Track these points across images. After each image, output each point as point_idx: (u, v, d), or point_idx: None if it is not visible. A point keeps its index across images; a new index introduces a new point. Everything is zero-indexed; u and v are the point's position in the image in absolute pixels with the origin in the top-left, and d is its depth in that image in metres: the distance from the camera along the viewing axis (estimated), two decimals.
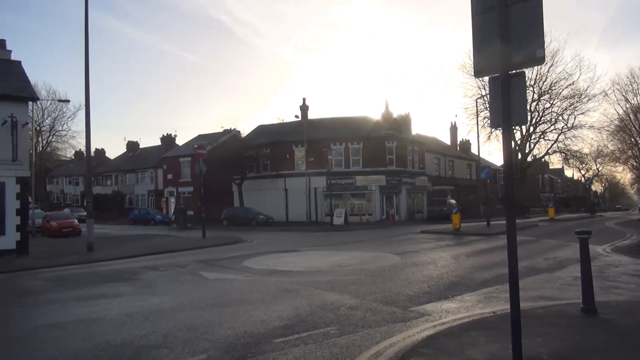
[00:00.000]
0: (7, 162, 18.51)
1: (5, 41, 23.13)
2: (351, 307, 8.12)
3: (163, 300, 9.36)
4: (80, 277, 13.45)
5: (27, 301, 10.14)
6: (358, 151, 40.02)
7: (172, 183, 49.49)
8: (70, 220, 32.40)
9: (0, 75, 20.53)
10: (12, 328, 7.82)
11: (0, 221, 18.54)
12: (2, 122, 18.51)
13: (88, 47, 20.04)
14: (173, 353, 5.92)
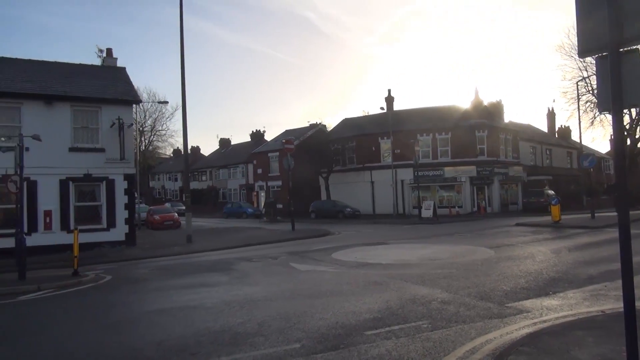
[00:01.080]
0: (115, 161, 20.23)
1: (112, 50, 25.25)
2: (443, 301, 7.91)
3: (257, 290, 9.74)
4: (181, 267, 14.38)
5: (136, 288, 11.04)
6: (446, 141, 38.79)
7: (261, 177, 51.27)
8: (171, 213, 34.78)
9: (109, 81, 22.45)
10: (125, 312, 8.55)
11: (111, 215, 20.34)
12: (111, 124, 20.23)
13: (183, 52, 21.30)
14: (268, 341, 6.13)
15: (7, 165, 17.05)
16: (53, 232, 19.19)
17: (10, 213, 18.46)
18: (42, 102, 19.37)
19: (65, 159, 19.50)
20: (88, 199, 20.28)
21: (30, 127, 17.99)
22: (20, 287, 11.45)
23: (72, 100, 19.94)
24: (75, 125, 20.04)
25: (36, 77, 20.94)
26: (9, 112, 19.11)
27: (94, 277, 12.66)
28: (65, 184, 19.54)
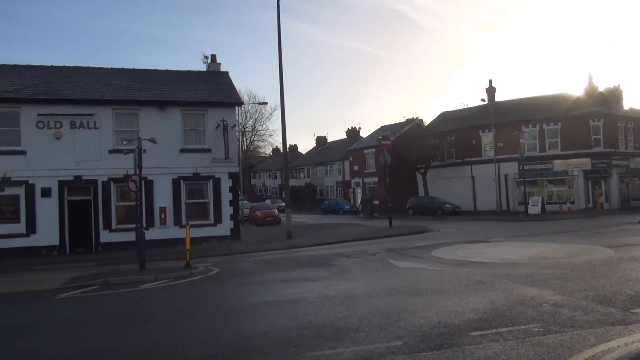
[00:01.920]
0: (221, 160, 21.45)
1: (215, 56, 26.79)
2: (556, 304, 7.35)
3: (356, 285, 9.78)
4: (282, 261, 14.88)
5: (242, 281, 11.61)
6: (555, 132, 36.07)
7: (357, 174, 51.45)
8: (271, 210, 36.17)
9: (213, 85, 23.86)
10: (233, 303, 9.04)
11: (217, 211, 21.61)
12: (216, 126, 21.48)
13: (281, 53, 21.98)
14: (369, 337, 6.13)
15: (127, 166, 18.83)
16: (167, 227, 20.83)
17: (130, 209, 20.36)
18: (156, 108, 21.09)
19: (177, 160, 21.06)
20: (197, 197, 21.73)
21: (146, 131, 19.66)
22: (141, 276, 12.58)
23: (182, 105, 21.48)
24: (184, 128, 21.56)
25: (150, 85, 22.84)
26: (128, 118, 21.05)
27: (203, 269, 13.54)
28: (177, 182, 21.11)
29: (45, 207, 19.62)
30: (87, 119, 20.22)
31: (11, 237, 19.16)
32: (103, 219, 20.33)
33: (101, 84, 22.15)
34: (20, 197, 19.49)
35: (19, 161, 19.43)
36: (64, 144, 19.94)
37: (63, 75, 22.73)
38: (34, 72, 22.57)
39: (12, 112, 19.66)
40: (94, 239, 20.24)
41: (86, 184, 20.22)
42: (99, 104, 20.45)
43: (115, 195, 20.60)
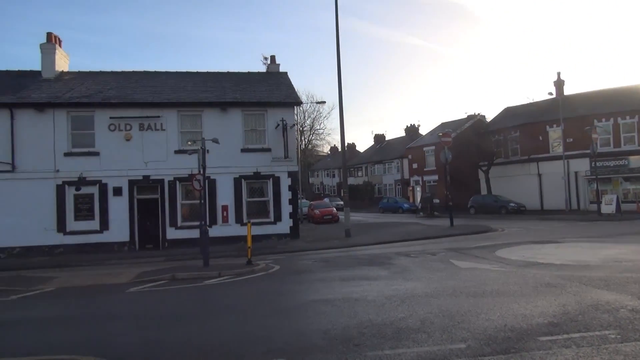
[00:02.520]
0: (280, 159, 21.79)
1: (275, 57, 27.23)
2: (635, 309, 6.87)
3: (417, 285, 9.61)
4: (341, 259, 14.89)
5: (302, 278, 11.73)
6: (632, 127, 33.70)
7: (417, 172, 50.60)
8: (330, 208, 36.32)
9: (273, 86, 24.27)
10: (293, 300, 9.15)
11: (277, 209, 21.98)
12: (276, 126, 21.84)
13: (339, 52, 21.98)
14: (431, 338, 5.99)
15: (192, 165, 19.55)
16: (229, 224, 21.43)
17: (194, 207, 21.14)
18: (218, 109, 21.75)
19: (238, 159, 21.61)
20: (257, 195, 22.20)
21: (209, 131, 20.35)
22: (205, 272, 13.01)
23: (242, 106, 22.02)
24: (245, 128, 22.09)
25: (213, 87, 23.58)
26: (192, 119, 21.84)
27: (264, 266, 13.81)
28: (238, 181, 21.67)
29: (117, 205, 20.77)
30: (154, 121, 21.18)
31: (87, 233, 20.45)
32: (169, 216, 21.22)
33: (167, 88, 23.13)
34: (94, 196, 20.75)
35: (93, 162, 20.69)
36: (133, 145, 21.00)
37: (132, 80, 23.94)
38: (106, 78, 23.93)
39: (87, 116, 20.95)
40: (161, 235, 21.18)
41: (154, 183, 21.20)
42: (165, 106, 21.36)
43: (181, 194, 21.45)
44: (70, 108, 20.76)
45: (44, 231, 20.06)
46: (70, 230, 20.40)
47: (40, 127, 20.40)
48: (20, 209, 19.77)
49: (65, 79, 23.48)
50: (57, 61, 23.88)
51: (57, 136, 20.50)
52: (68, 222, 20.43)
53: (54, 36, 23.86)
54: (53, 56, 23.65)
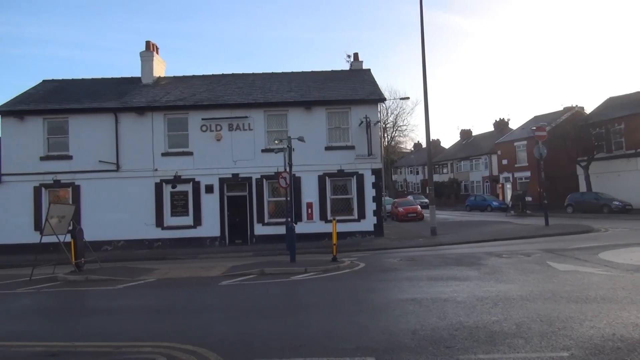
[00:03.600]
0: (364, 157, 21.73)
1: (358, 54, 27.21)
2: None
3: (510, 288, 9.13)
4: (427, 258, 14.54)
5: (388, 276, 11.60)
6: None
7: (507, 168, 48.15)
8: (414, 206, 35.67)
9: (356, 83, 24.27)
10: (379, 299, 9.06)
11: (361, 207, 21.95)
12: (359, 123, 21.81)
13: (424, 47, 21.48)
14: (529, 344, 5.65)
15: (278, 164, 20.08)
16: (314, 221, 21.76)
17: (280, 204, 21.70)
18: (303, 108, 22.14)
19: (322, 157, 21.87)
20: (341, 192, 22.32)
21: (294, 130, 20.80)
22: (292, 268, 13.30)
23: (326, 104, 22.24)
24: (329, 126, 22.30)
25: (297, 87, 24.04)
26: (278, 119, 22.43)
27: (349, 263, 13.83)
28: (322, 179, 21.93)
29: (209, 202, 21.87)
30: (242, 121, 22.03)
31: (183, 228, 21.75)
32: (257, 213, 21.97)
33: (254, 89, 23.96)
34: (188, 193, 22.01)
35: (187, 161, 21.95)
36: (223, 144, 21.99)
37: (222, 82, 25.08)
38: (198, 82, 25.30)
39: (181, 118, 22.27)
40: (249, 231, 21.99)
41: (242, 181, 22.06)
42: (253, 107, 22.13)
43: (267, 191, 22.12)
44: (167, 111, 22.19)
45: (144, 226, 21.64)
46: (167, 225, 21.82)
47: (141, 129, 21.99)
48: (123, 205, 21.48)
49: (162, 84, 25.13)
50: (154, 67, 25.62)
51: (155, 137, 21.99)
52: (165, 218, 21.87)
53: (152, 44, 25.62)
54: (151, 63, 25.41)
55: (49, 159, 21.92)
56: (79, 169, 21.80)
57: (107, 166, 21.75)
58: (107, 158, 21.74)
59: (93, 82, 25.76)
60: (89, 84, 25.57)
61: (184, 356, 5.93)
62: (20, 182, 21.72)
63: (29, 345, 6.71)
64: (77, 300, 11.19)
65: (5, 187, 21.74)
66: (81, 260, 14.85)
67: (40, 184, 21.77)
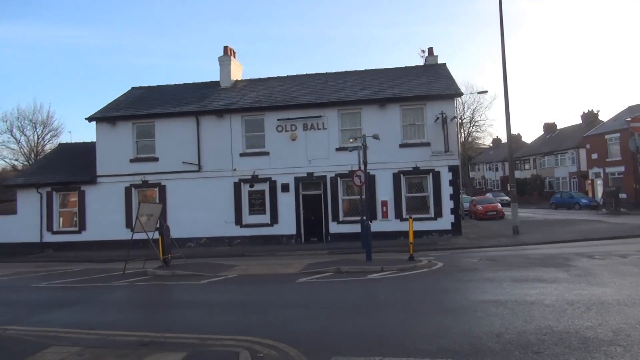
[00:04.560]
0: (440, 153, 21.17)
1: (432, 49, 26.55)
2: None
3: (605, 291, 8.48)
4: (509, 258, 13.88)
5: (468, 277, 11.21)
6: None
7: (597, 163, 44.81)
8: (493, 204, 34.21)
9: (431, 79, 23.71)
10: (460, 299, 8.79)
11: (437, 205, 21.41)
12: (435, 119, 21.27)
13: (504, 37, 20.54)
14: (629, 353, 5.22)
15: (352, 162, 20.09)
16: (389, 220, 21.53)
17: (354, 203, 21.69)
18: (376, 106, 21.98)
19: (397, 155, 21.57)
20: (416, 190, 21.90)
21: (368, 128, 20.70)
22: (368, 266, 13.24)
23: (400, 101, 21.91)
24: (404, 123, 21.96)
25: (371, 84, 23.91)
26: (352, 117, 22.43)
27: (427, 262, 13.53)
28: (397, 176, 21.64)
29: (285, 200, 22.33)
30: (316, 121, 22.27)
31: (260, 226, 22.39)
32: (331, 211, 22.11)
33: (328, 88, 24.13)
34: (265, 192, 22.62)
35: (264, 161, 22.55)
36: (298, 144, 22.35)
37: (296, 83, 25.51)
38: (273, 83, 25.91)
39: (258, 119, 22.91)
40: (324, 229, 22.18)
41: (317, 179, 22.30)
42: (326, 106, 22.29)
43: (342, 190, 22.19)
44: (244, 113, 22.93)
45: (224, 224, 22.52)
46: (245, 224, 22.55)
47: (220, 131, 22.90)
48: (205, 204, 22.49)
49: (239, 87, 26.02)
50: (232, 71, 26.58)
51: (234, 138, 22.80)
52: (244, 216, 22.62)
53: (229, 49, 26.59)
54: (229, 67, 26.38)
55: (138, 161, 23.43)
56: (164, 170, 23.12)
57: (190, 167, 22.87)
58: (189, 159, 22.87)
59: (176, 88, 27.19)
60: (173, 89, 27.02)
61: (265, 350, 6.09)
62: (113, 183, 23.42)
63: (124, 335, 7.21)
64: (165, 293, 11.87)
65: (100, 187, 23.54)
66: (168, 256, 15.74)
67: (131, 185, 23.34)
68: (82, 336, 7.17)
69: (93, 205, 23.58)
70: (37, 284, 13.46)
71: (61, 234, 23.88)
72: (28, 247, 23.27)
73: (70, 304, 10.33)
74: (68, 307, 10.06)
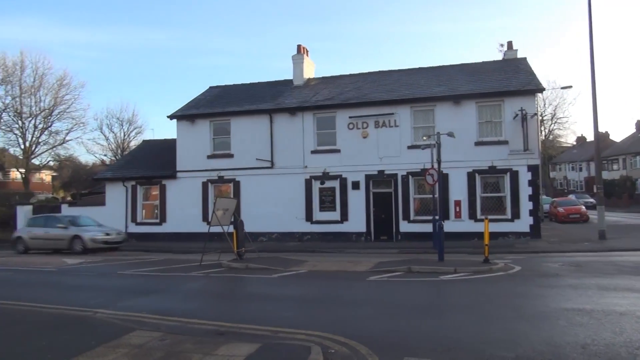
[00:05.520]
0: (519, 152, 20.21)
1: (511, 42, 25.37)
2: None
3: None
4: (595, 264, 12.99)
5: (548, 282, 10.62)
6: None
7: None
8: (577, 206, 32.17)
9: (510, 74, 22.67)
10: (539, 306, 8.33)
11: (515, 206, 20.44)
12: (514, 116, 20.31)
13: (592, 26, 19.22)
14: None
15: (424, 160, 19.71)
16: (462, 220, 20.88)
17: (425, 202, 21.26)
18: (451, 102, 21.38)
19: (471, 153, 20.86)
20: (492, 190, 21.08)
21: (442, 126, 20.18)
22: (440, 267, 12.91)
23: (476, 97, 21.16)
24: (479, 120, 21.19)
25: (445, 81, 23.27)
26: (425, 115, 21.99)
27: (503, 266, 12.97)
28: (471, 176, 20.93)
29: (355, 198, 22.32)
30: (388, 118, 22.04)
31: (330, 223, 22.55)
32: (402, 210, 21.80)
33: (401, 85, 23.80)
34: (335, 189, 22.73)
35: (335, 158, 22.66)
36: (369, 142, 22.25)
37: (368, 80, 25.38)
38: (345, 81, 25.94)
39: (329, 117, 23.07)
40: (394, 228, 21.92)
41: (387, 177, 22.08)
42: (399, 103, 22.00)
43: (413, 188, 21.81)
44: (316, 110, 23.16)
45: (295, 219, 22.92)
46: (315, 220, 22.81)
47: (292, 128, 23.29)
48: (277, 199, 23.00)
49: (311, 85, 26.31)
50: (305, 69, 26.92)
51: (306, 136, 23.11)
52: (314, 213, 22.88)
53: (302, 48, 26.96)
54: (302, 65, 26.74)
55: (214, 157, 24.39)
56: (239, 166, 23.89)
57: (263, 163, 23.45)
58: (262, 156, 23.46)
59: (251, 86, 27.97)
60: (248, 88, 27.84)
61: (336, 346, 6.11)
62: (191, 178, 24.56)
63: (201, 323, 7.53)
64: (239, 285, 12.28)
65: (180, 182, 24.77)
66: (242, 249, 16.25)
67: (207, 180, 24.36)
68: (163, 322, 7.57)
69: (173, 199, 24.87)
70: (123, 272, 14.40)
71: (144, 225, 25.41)
72: None
73: (152, 292, 10.96)
74: (150, 294, 10.68)
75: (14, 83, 42.50)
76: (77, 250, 20.22)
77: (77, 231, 20.68)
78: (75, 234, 20.53)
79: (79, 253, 19.96)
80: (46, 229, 21.28)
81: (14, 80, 42.41)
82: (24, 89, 42.91)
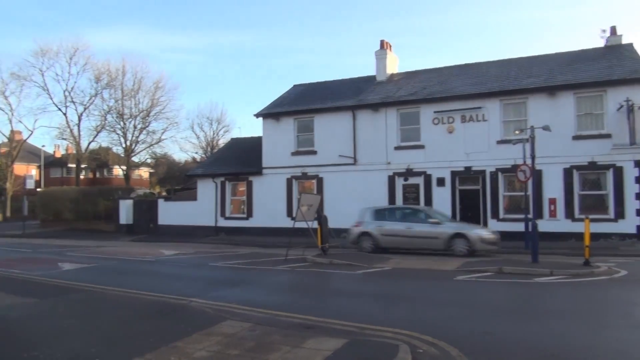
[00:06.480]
0: (624, 147, 18.51)
1: (616, 27, 23.22)
2: None
3: None
4: None
5: None
6: None
7: None
8: None
9: (613, 62, 20.81)
10: None
11: (619, 205, 18.76)
12: (618, 107, 18.63)
13: None
14: None
15: (515, 156, 18.69)
16: (557, 219, 19.54)
17: (515, 200, 20.15)
18: (545, 94, 20.06)
19: (569, 148, 19.44)
20: (592, 188, 19.55)
21: (535, 119, 18.95)
22: (535, 269, 12.15)
23: (574, 88, 19.68)
24: (578, 113, 19.69)
25: (539, 72, 21.84)
26: (516, 108, 20.83)
27: (606, 269, 11.96)
28: (568, 172, 19.53)
29: (440, 195, 21.66)
30: (475, 112, 21.13)
31: None
32: (490, 208, 20.83)
33: (489, 77, 22.72)
34: (419, 186, 22.22)
35: (419, 154, 22.15)
36: (454, 137, 21.48)
37: (454, 73, 24.49)
38: (429, 75, 25.23)
39: (413, 112, 22.58)
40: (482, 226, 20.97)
41: (475, 174, 21.19)
42: (487, 96, 21.00)
43: (503, 185, 20.76)
44: (399, 106, 22.76)
45: None
46: None
47: (375, 124, 23.08)
48: (360, 196, 22.85)
49: (394, 80, 25.91)
50: (388, 65, 26.56)
51: (389, 132, 22.79)
52: None
53: (385, 43, 26.63)
54: (385, 61, 26.42)
55: (298, 154, 24.83)
56: (322, 162, 24.12)
57: (346, 160, 23.49)
58: (345, 153, 23.50)
59: (334, 83, 28.09)
60: (331, 85, 27.99)
61: (424, 346, 5.94)
62: (276, 175, 25.20)
63: (288, 316, 7.68)
64: (323, 280, 12.38)
65: (266, 178, 25.52)
66: (326, 244, 16.39)
67: (292, 176, 24.86)
68: (252, 313, 7.80)
69: (259, 195, 25.68)
70: (214, 263, 15.10)
71: (232, 219, 26.48)
72: (205, 230, 26.28)
73: (241, 283, 11.37)
74: (240, 285, 11.09)
75: (117, 87, 46.34)
76: (459, 253, 15.54)
77: (457, 228, 16.38)
78: (457, 231, 16.06)
79: (461, 255, 15.26)
80: (408, 224, 16.99)
81: (116, 84, 46.26)
82: (125, 92, 46.58)
